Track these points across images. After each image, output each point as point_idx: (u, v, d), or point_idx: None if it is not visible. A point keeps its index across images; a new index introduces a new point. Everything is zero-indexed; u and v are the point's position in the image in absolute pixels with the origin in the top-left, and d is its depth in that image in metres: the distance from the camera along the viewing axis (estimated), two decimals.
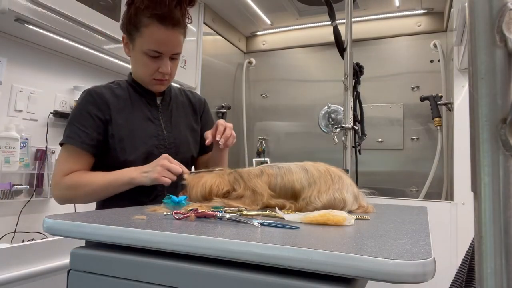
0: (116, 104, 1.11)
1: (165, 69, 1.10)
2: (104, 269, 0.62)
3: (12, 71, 1.57)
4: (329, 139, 1.96)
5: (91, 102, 1.09)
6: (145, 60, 1.08)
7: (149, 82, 1.14)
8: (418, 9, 2.58)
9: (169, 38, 1.06)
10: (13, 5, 1.28)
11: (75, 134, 1.06)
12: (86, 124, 1.07)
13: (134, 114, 1.13)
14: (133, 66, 1.16)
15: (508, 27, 0.32)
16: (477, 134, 0.34)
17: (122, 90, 1.15)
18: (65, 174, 1.05)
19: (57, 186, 1.06)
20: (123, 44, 1.14)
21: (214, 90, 2.80)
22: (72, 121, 1.08)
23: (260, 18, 2.87)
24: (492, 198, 0.34)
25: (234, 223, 0.70)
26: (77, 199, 1.07)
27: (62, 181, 1.05)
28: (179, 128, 1.21)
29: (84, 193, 1.04)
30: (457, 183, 1.89)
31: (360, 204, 0.95)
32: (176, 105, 1.24)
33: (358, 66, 1.89)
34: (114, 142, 1.09)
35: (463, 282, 1.13)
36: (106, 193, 1.06)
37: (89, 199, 1.08)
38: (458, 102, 1.98)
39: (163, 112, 1.19)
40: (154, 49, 1.06)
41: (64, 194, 1.06)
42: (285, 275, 0.51)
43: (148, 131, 1.13)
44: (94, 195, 1.06)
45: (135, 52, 1.10)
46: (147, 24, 1.04)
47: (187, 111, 1.27)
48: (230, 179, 0.97)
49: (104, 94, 1.10)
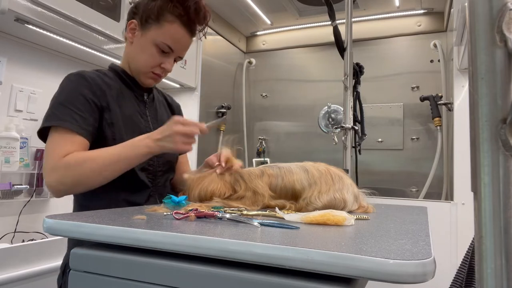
0: (110, 92, 1.05)
1: (168, 66, 1.11)
2: (104, 269, 0.62)
3: (12, 71, 1.57)
4: (329, 139, 1.96)
5: (86, 86, 0.99)
6: (154, 51, 1.07)
7: (146, 74, 1.11)
8: (418, 9, 2.58)
9: (185, 41, 1.11)
10: (13, 5, 1.28)
11: (70, 117, 0.94)
12: (82, 108, 0.96)
13: (126, 106, 1.08)
14: (134, 53, 1.11)
15: (508, 27, 0.32)
16: (477, 134, 0.34)
17: (110, 80, 1.08)
18: (63, 155, 0.91)
19: (55, 171, 0.90)
20: (128, 28, 1.10)
21: (214, 90, 2.80)
22: (64, 102, 0.95)
23: (260, 18, 2.87)
24: (492, 198, 0.33)
25: (234, 223, 0.69)
26: (81, 181, 0.91)
27: (60, 163, 0.90)
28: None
29: (92, 172, 0.90)
30: (457, 183, 1.90)
31: (360, 204, 0.95)
32: (158, 103, 1.22)
33: (358, 66, 1.89)
34: (114, 132, 1.01)
35: (463, 282, 1.13)
36: (118, 168, 0.93)
37: (96, 179, 0.92)
38: (458, 102, 1.98)
39: (149, 109, 1.16)
40: (168, 44, 1.07)
41: (66, 178, 0.90)
42: (285, 275, 0.51)
43: (139, 126, 1.09)
44: (105, 173, 0.92)
45: (143, 40, 1.08)
46: (170, 21, 1.05)
47: (167, 111, 1.26)
48: (231, 180, 0.97)
49: (97, 80, 1.03)
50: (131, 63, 1.13)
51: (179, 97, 2.47)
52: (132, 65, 1.12)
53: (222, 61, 2.92)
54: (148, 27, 1.07)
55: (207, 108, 2.72)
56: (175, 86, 2.36)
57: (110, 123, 1.01)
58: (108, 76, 1.09)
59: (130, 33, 1.10)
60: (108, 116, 1.01)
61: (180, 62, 2.29)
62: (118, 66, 1.15)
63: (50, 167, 0.91)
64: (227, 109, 2.86)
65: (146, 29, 1.07)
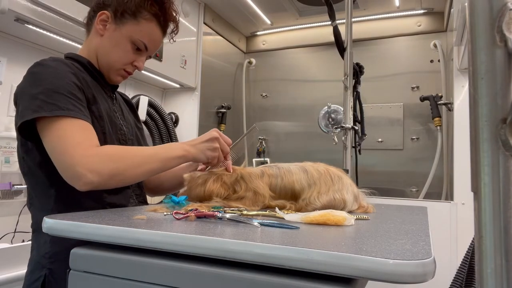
0: (87, 84, 0.95)
1: (140, 65, 1.08)
2: (104, 269, 0.62)
3: (12, 71, 1.57)
4: (329, 139, 1.96)
5: (72, 73, 0.91)
6: (128, 47, 1.03)
7: (117, 70, 1.05)
8: (418, 9, 2.58)
9: (159, 40, 1.09)
10: (13, 5, 1.28)
11: (74, 106, 0.85)
12: (79, 96, 0.88)
13: (101, 101, 1.00)
14: (105, 48, 1.03)
15: (508, 27, 0.32)
16: (477, 134, 0.34)
17: (80, 71, 0.97)
18: (94, 144, 0.84)
19: (89, 159, 0.80)
20: (98, 19, 1.02)
21: (214, 90, 2.80)
22: (58, 89, 0.85)
23: (260, 18, 2.87)
24: (492, 198, 0.34)
25: (234, 223, 0.69)
26: (119, 174, 0.84)
27: (96, 152, 0.82)
28: (131, 124, 1.14)
29: (129, 165, 0.85)
30: (457, 183, 1.90)
31: (360, 204, 0.95)
32: (121, 100, 1.18)
33: (358, 66, 1.89)
34: (103, 125, 0.95)
35: (463, 282, 1.13)
36: (153, 166, 0.88)
37: (132, 175, 0.87)
38: (458, 102, 1.98)
39: (116, 106, 1.10)
40: (145, 42, 1.04)
41: (103, 168, 0.81)
42: (285, 275, 0.51)
43: (116, 122, 1.03)
44: (141, 168, 0.87)
45: (118, 34, 1.02)
46: (148, 19, 1.03)
47: (127, 108, 1.20)
48: (231, 181, 0.96)
49: (73, 67, 0.94)
50: (101, 57, 1.04)
51: (179, 97, 2.48)
52: (102, 59, 1.04)
53: (222, 61, 2.92)
54: (123, 22, 1.01)
55: (207, 108, 2.72)
56: (175, 86, 2.36)
57: (98, 116, 0.95)
58: (76, 66, 0.98)
59: (101, 25, 1.02)
60: (95, 109, 0.94)
61: (180, 62, 2.29)
62: (81, 56, 1.04)
63: (80, 156, 0.80)
64: (227, 109, 2.86)
65: (121, 23, 1.01)
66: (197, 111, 2.41)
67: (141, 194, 1.09)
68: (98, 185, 0.82)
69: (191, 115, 2.41)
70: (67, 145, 0.81)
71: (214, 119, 2.83)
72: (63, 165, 0.81)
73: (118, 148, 0.89)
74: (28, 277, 0.90)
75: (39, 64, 0.91)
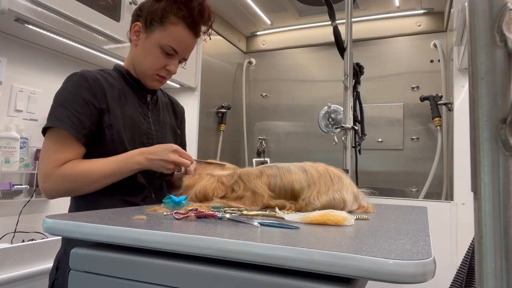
0: (111, 93, 1.05)
1: (173, 68, 1.12)
2: (104, 269, 0.62)
3: (12, 71, 1.57)
4: (329, 139, 1.96)
5: (86, 88, 1.00)
6: (158, 53, 1.08)
7: (151, 76, 1.11)
8: (418, 9, 2.58)
9: (189, 42, 1.11)
10: (13, 5, 1.28)
11: (67, 118, 0.96)
12: (80, 110, 0.97)
13: (128, 107, 1.08)
14: (139, 56, 1.11)
15: (508, 27, 0.32)
16: (477, 134, 0.34)
17: (114, 79, 1.09)
18: (58, 164, 0.96)
19: (50, 178, 0.95)
20: (132, 31, 1.11)
21: (214, 90, 2.80)
22: (63, 103, 0.97)
23: (260, 18, 2.87)
24: (492, 198, 0.34)
25: (234, 223, 0.69)
26: (75, 191, 0.99)
27: (55, 172, 0.95)
28: (165, 129, 1.19)
29: (85, 184, 0.97)
30: (457, 183, 1.89)
31: (360, 204, 0.95)
32: (162, 104, 1.22)
33: (358, 66, 1.89)
34: (112, 134, 1.02)
35: (463, 282, 1.13)
36: (110, 181, 0.99)
37: (89, 190, 0.99)
38: (458, 102, 1.98)
39: (152, 111, 1.16)
40: (173, 46, 1.07)
41: (60, 187, 0.96)
42: (285, 275, 0.51)
43: (140, 127, 1.09)
44: (97, 184, 0.98)
45: (148, 42, 1.08)
46: (174, 23, 1.06)
47: (170, 113, 1.25)
48: (229, 181, 0.97)
49: (99, 80, 1.03)
50: (136, 66, 1.13)
51: (179, 97, 2.46)
52: (137, 67, 1.13)
53: (222, 61, 2.92)
54: (152, 30, 1.07)
55: (207, 108, 2.72)
56: (175, 86, 2.36)
57: (109, 125, 1.02)
58: (112, 75, 1.10)
59: (135, 36, 1.11)
60: (107, 118, 1.02)
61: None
62: (121, 66, 1.15)
63: (45, 174, 0.96)
64: (227, 109, 2.86)
65: (150, 31, 1.08)
66: (197, 111, 2.41)
67: (162, 194, 1.14)
68: (58, 197, 0.99)
69: (191, 115, 2.40)
70: (43, 158, 0.98)
71: (214, 119, 2.83)
72: (38, 175, 0.99)
73: (76, 168, 0.97)
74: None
75: (68, 77, 1.03)
